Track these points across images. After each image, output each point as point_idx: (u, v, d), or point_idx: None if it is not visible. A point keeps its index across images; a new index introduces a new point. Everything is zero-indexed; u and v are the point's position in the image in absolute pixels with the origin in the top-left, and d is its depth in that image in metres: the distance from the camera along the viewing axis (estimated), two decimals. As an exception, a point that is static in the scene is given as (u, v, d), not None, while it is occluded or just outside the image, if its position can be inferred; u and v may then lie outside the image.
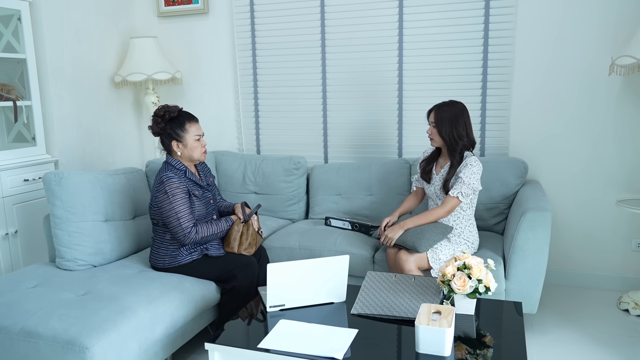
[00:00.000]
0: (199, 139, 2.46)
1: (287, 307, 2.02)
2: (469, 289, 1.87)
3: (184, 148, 2.44)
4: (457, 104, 2.56)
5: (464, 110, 2.54)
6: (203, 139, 2.49)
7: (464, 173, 2.48)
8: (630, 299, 2.88)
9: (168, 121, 2.43)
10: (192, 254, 2.44)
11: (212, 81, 3.86)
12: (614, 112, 3.03)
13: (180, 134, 2.42)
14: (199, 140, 2.46)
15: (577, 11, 3.01)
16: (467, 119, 2.55)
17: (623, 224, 3.11)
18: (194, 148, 2.45)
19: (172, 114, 2.43)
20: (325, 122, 3.62)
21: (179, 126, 2.43)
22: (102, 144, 3.70)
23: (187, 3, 3.79)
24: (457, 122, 2.51)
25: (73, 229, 2.46)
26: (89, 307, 1.98)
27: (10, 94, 3.11)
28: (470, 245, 2.57)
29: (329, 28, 3.49)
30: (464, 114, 2.53)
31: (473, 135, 2.57)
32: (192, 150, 2.44)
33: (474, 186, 2.49)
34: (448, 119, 2.51)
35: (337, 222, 3.06)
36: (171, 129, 2.43)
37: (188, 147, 2.44)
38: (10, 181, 3.01)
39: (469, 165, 2.50)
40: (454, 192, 2.50)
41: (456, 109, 2.53)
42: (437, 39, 3.27)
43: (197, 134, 2.45)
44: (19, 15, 3.10)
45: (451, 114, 2.52)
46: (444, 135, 2.52)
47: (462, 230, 2.57)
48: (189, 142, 2.43)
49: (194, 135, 2.44)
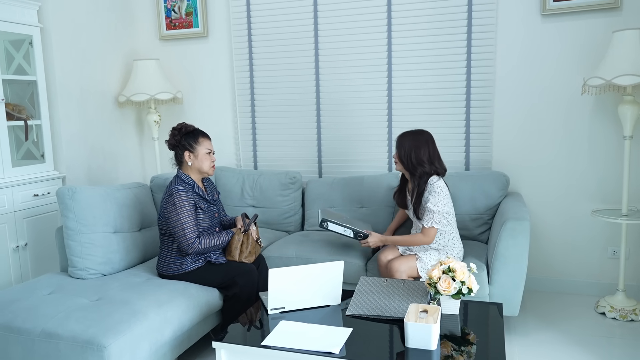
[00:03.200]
0: (209, 152, 2.66)
1: (286, 309, 2.19)
2: (453, 290, 2.06)
3: (195, 159, 2.63)
4: (422, 132, 2.70)
5: (428, 140, 2.67)
6: (213, 156, 2.69)
7: (431, 202, 2.60)
8: (606, 303, 3.07)
9: (184, 134, 2.65)
10: (197, 262, 2.61)
11: (212, 100, 4.06)
12: (587, 128, 3.26)
13: (193, 145, 2.63)
14: (209, 155, 2.67)
15: (552, 37, 3.25)
16: (432, 147, 2.68)
17: (599, 233, 3.31)
18: (204, 160, 2.64)
19: (188, 129, 2.67)
20: (319, 139, 3.82)
21: (193, 138, 2.64)
22: (107, 160, 3.87)
23: (188, 27, 4.01)
24: (418, 148, 2.63)
25: (85, 240, 2.62)
26: (104, 311, 2.14)
27: (22, 113, 3.29)
28: (456, 255, 2.75)
29: (323, 51, 3.71)
30: (428, 143, 2.66)
31: (440, 162, 2.69)
32: (202, 162, 2.64)
33: (443, 210, 2.61)
34: (408, 145, 2.65)
35: (336, 228, 2.83)
36: (185, 141, 2.64)
37: (199, 159, 2.63)
38: (21, 196, 3.17)
39: (432, 192, 2.61)
40: (427, 224, 2.62)
41: (419, 137, 2.67)
42: (423, 61, 3.50)
43: (208, 148, 2.66)
44: (30, 40, 3.29)
45: (412, 140, 2.66)
46: (403, 159, 2.66)
47: (446, 244, 2.73)
48: (200, 154, 2.63)
49: (205, 149, 2.65)
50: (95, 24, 3.75)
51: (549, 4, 3.19)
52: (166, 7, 4.03)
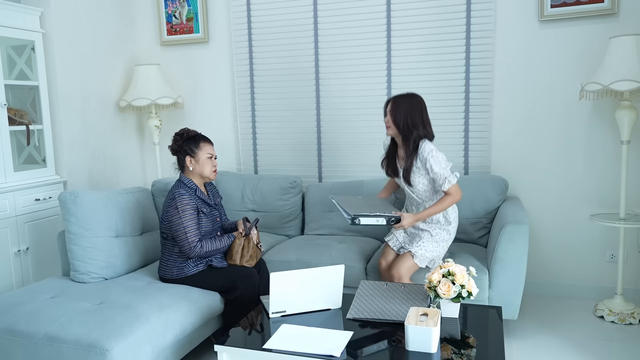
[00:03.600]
0: (210, 157, 2.68)
1: (287, 313, 2.21)
2: (453, 293, 2.08)
3: (196, 164, 2.65)
4: (414, 96, 2.67)
5: (421, 103, 2.65)
6: (215, 160, 2.71)
7: (435, 166, 2.57)
8: (605, 307, 3.09)
9: (186, 139, 2.67)
10: (198, 266, 2.63)
11: (212, 105, 4.09)
12: (585, 133, 3.29)
13: (195, 150, 2.65)
14: (211, 159, 2.69)
15: (549, 42, 3.28)
16: (424, 110, 2.65)
17: (597, 237, 3.34)
18: (205, 164, 2.66)
19: (190, 134, 2.69)
20: (319, 144, 3.84)
21: (194, 143, 2.67)
22: (107, 164, 3.89)
23: (189, 32, 4.04)
24: (412, 111, 2.60)
25: (87, 244, 2.64)
26: (106, 314, 2.16)
27: (23, 118, 3.31)
28: (454, 214, 2.75)
29: (323, 56, 3.74)
30: (421, 106, 2.64)
31: (430, 128, 2.67)
32: (203, 166, 2.66)
33: (449, 165, 2.60)
34: (404, 108, 2.60)
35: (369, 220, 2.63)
36: (187, 146, 2.67)
37: (200, 163, 2.65)
38: (23, 201, 3.19)
39: (430, 157, 2.58)
40: (446, 186, 2.59)
41: (413, 100, 2.64)
42: (422, 66, 3.53)
43: (209, 152, 2.68)
44: (32, 46, 3.31)
45: (408, 104, 2.62)
46: (399, 122, 2.61)
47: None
48: (201, 158, 2.65)
49: (207, 153, 2.67)
50: (97, 30, 3.77)
51: (546, 10, 3.22)
52: (167, 12, 4.06)
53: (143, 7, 4.14)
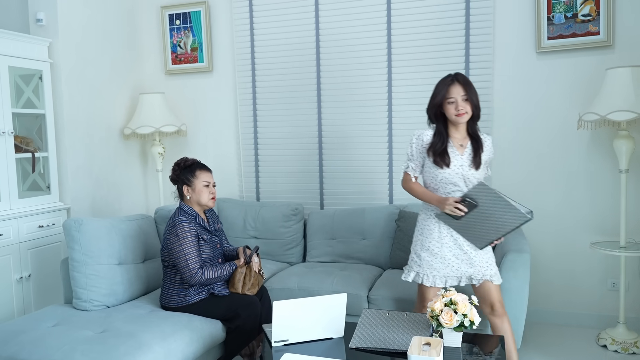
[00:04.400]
0: (207, 185, 2.71)
1: (290, 342, 2.20)
2: (455, 322, 2.08)
3: (193, 192, 2.68)
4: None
5: None
6: (213, 188, 2.74)
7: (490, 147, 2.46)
8: (607, 336, 3.08)
9: (183, 169, 2.70)
10: (200, 294, 2.63)
11: (215, 133, 4.14)
12: (584, 162, 3.33)
13: (191, 179, 2.68)
14: (207, 187, 2.71)
15: (547, 73, 3.35)
16: None
17: (598, 265, 3.34)
18: (201, 193, 2.69)
19: (187, 163, 2.72)
20: (321, 171, 3.88)
21: (190, 172, 2.70)
22: (110, 191, 3.92)
23: (193, 62, 4.12)
24: (477, 92, 2.42)
25: (90, 272, 2.65)
26: (109, 343, 2.15)
27: (29, 146, 3.35)
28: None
29: (324, 85, 3.81)
30: None
31: None
32: (199, 195, 2.69)
33: None
34: (474, 88, 2.40)
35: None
36: (183, 175, 2.70)
37: (196, 192, 2.68)
38: (26, 227, 3.20)
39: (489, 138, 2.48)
40: (489, 171, 2.50)
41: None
42: (422, 96, 3.55)
43: (205, 180, 2.70)
44: (40, 75, 3.38)
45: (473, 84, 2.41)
46: (476, 105, 2.38)
47: None
48: (197, 187, 2.68)
49: (203, 182, 2.69)
50: (104, 59, 3.85)
51: (543, 41, 3.30)
52: (172, 42, 4.15)
53: (149, 37, 4.23)
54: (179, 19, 4.11)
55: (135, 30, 4.18)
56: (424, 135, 2.46)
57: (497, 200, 2.26)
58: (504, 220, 2.28)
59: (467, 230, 2.37)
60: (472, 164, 2.40)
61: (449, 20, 3.48)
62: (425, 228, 2.47)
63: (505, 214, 2.27)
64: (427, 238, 2.45)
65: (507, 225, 2.29)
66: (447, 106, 2.38)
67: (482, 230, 2.34)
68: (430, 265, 2.43)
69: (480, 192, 2.29)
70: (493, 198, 2.26)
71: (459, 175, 2.39)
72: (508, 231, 2.30)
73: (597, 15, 3.18)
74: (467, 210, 2.30)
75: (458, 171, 2.39)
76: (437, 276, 2.44)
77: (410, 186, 2.50)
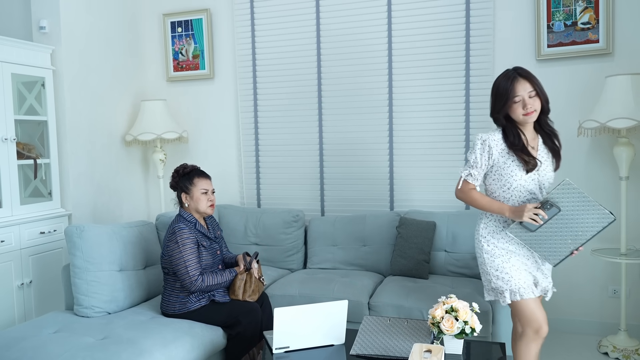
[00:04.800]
0: (205, 192, 2.71)
1: (291, 349, 2.21)
2: (456, 329, 2.08)
3: (191, 200, 2.69)
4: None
5: None
6: (212, 195, 2.74)
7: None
8: (609, 343, 3.08)
9: (181, 176, 2.71)
10: (201, 301, 2.63)
11: (216, 140, 4.15)
12: (584, 169, 3.34)
13: (189, 187, 2.69)
14: (206, 194, 2.71)
15: (547, 81, 3.33)
16: None
17: (599, 272, 3.34)
18: (199, 200, 2.69)
19: (185, 170, 2.72)
20: (321, 178, 3.89)
21: (188, 180, 2.71)
22: (112, 198, 3.93)
23: (195, 69, 4.14)
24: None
25: (91, 278, 2.65)
26: (110, 350, 2.16)
27: (31, 152, 3.37)
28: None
29: (325, 92, 3.82)
30: None
31: None
32: (197, 202, 2.69)
33: None
34: (539, 80, 2.15)
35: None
36: (182, 182, 2.71)
37: (194, 199, 2.69)
38: (28, 234, 3.21)
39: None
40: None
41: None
42: (423, 102, 3.61)
43: (203, 188, 2.71)
44: (42, 82, 3.40)
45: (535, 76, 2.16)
46: (546, 99, 2.16)
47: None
48: (194, 195, 2.69)
49: (201, 189, 2.70)
50: (106, 66, 3.87)
51: (543, 49, 3.32)
52: (174, 50, 4.17)
53: (151, 44, 4.25)
54: (180, 27, 4.14)
55: (138, 37, 4.21)
56: (491, 139, 2.16)
57: (582, 201, 2.02)
58: (586, 224, 2.03)
59: (541, 244, 2.10)
60: (552, 165, 2.21)
61: (449, 28, 3.51)
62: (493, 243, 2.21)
63: (588, 215, 2.02)
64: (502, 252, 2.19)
65: (590, 230, 2.03)
66: (512, 106, 2.12)
67: (559, 241, 2.08)
68: (519, 276, 2.16)
69: (563, 194, 2.03)
70: (578, 199, 2.01)
71: (535, 180, 2.15)
72: (590, 237, 2.04)
73: (596, 23, 3.20)
74: (548, 217, 2.04)
75: (534, 177, 2.15)
76: (529, 285, 2.17)
77: (471, 196, 2.21)
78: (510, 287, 2.16)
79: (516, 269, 2.17)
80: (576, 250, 2.09)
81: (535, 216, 2.04)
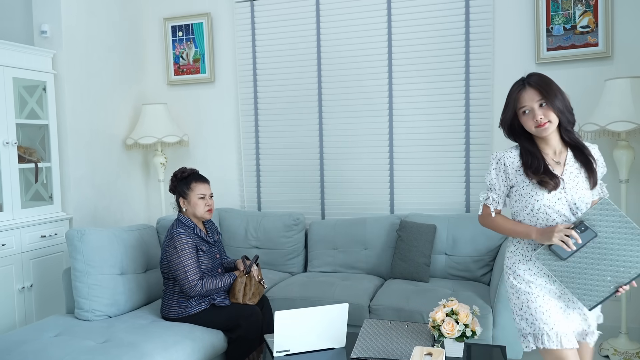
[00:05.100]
0: (202, 197, 2.71)
1: (292, 352, 2.21)
2: (457, 333, 2.09)
3: (188, 205, 2.70)
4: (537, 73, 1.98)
5: None
6: (210, 199, 2.74)
7: (601, 163, 1.94)
8: (610, 346, 3.08)
9: (179, 180, 2.71)
10: (201, 304, 2.63)
11: (217, 143, 4.16)
12: (584, 172, 3.33)
13: (186, 192, 2.70)
14: (203, 199, 2.71)
15: (547, 83, 3.37)
16: None
17: (599, 275, 3.34)
18: (196, 205, 2.70)
19: (183, 174, 2.73)
20: (322, 181, 3.90)
21: (186, 185, 2.71)
22: (112, 201, 3.93)
23: (195, 73, 4.15)
24: (561, 90, 1.91)
25: (92, 282, 2.66)
26: (111, 353, 2.16)
27: (32, 156, 3.37)
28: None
29: (326, 96, 3.83)
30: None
31: None
32: (194, 207, 2.70)
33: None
34: (555, 87, 1.89)
35: None
36: (180, 187, 2.72)
37: (191, 204, 2.69)
38: (29, 237, 3.22)
39: (597, 150, 1.96)
40: (604, 192, 1.95)
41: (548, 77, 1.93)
42: (423, 105, 3.61)
43: (201, 193, 2.71)
44: (44, 86, 3.41)
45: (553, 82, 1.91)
46: (561, 108, 1.85)
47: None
48: (192, 200, 2.69)
49: (198, 194, 2.70)
50: (107, 70, 3.88)
51: (543, 53, 3.33)
52: (175, 54, 4.19)
53: (152, 48, 4.27)
54: (181, 31, 4.15)
55: (138, 41, 4.22)
56: (506, 157, 1.96)
57: (624, 226, 1.67)
58: (631, 257, 1.66)
59: (574, 278, 1.74)
60: (587, 182, 1.87)
61: (449, 32, 3.52)
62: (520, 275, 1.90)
63: (633, 246, 1.66)
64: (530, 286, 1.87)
65: (636, 266, 1.66)
66: (522, 118, 1.91)
67: (596, 276, 1.71)
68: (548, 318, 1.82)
69: (601, 216, 1.69)
70: (619, 224, 1.67)
71: (562, 200, 1.83)
72: (635, 276, 1.68)
73: (595, 26, 3.21)
74: (582, 242, 1.70)
75: (560, 195, 1.83)
76: (560, 332, 1.81)
77: (492, 222, 1.97)
78: (534, 331, 1.83)
79: (545, 309, 1.83)
80: (621, 288, 1.73)
81: (566, 238, 1.72)
